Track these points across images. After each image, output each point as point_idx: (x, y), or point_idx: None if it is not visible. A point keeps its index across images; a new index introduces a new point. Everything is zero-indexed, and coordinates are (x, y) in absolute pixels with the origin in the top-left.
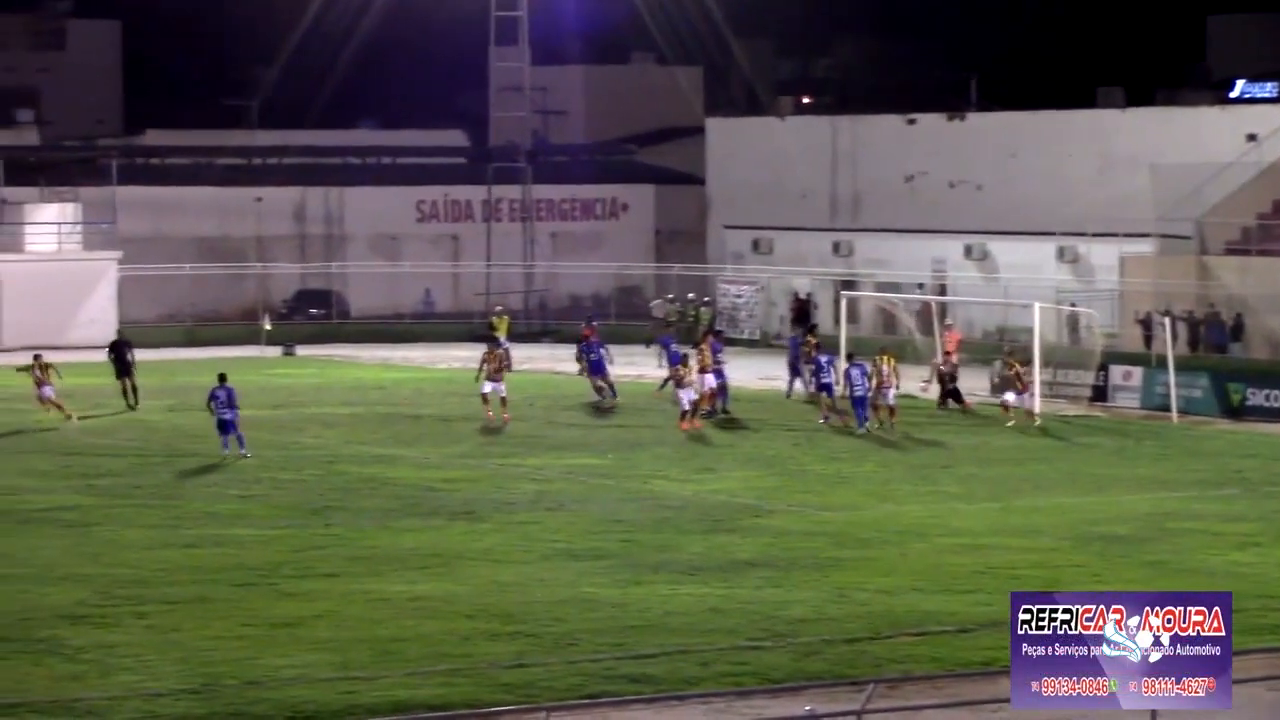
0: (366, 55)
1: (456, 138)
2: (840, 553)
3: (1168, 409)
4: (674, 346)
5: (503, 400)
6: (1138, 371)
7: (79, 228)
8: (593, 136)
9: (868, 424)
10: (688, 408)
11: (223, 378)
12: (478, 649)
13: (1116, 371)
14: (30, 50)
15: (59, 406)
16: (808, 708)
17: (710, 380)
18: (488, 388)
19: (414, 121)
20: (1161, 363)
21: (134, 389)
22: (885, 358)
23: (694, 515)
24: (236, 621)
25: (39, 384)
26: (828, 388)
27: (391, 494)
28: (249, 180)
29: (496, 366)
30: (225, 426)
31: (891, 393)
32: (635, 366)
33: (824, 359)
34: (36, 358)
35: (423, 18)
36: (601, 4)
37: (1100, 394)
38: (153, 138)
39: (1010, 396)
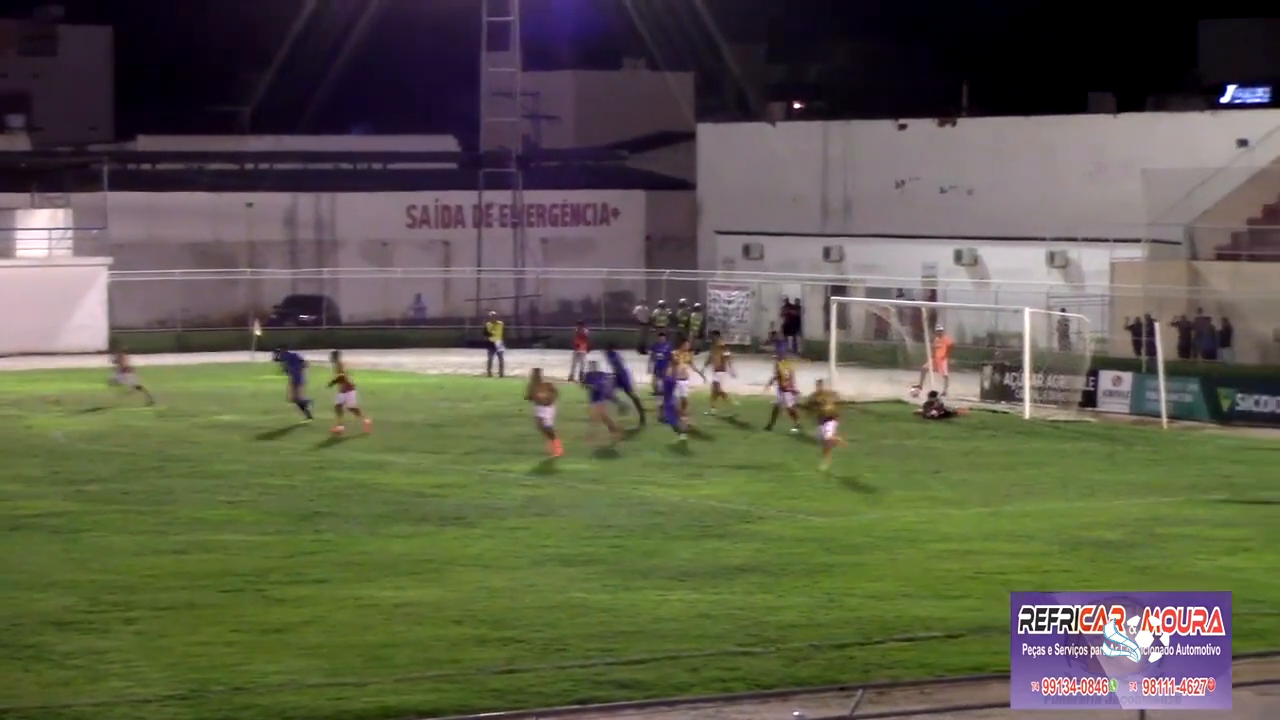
0: (358, 61)
1: (448, 143)
2: (830, 558)
3: (1158, 414)
4: (660, 355)
5: (354, 410)
6: (1128, 377)
7: (70, 233)
8: (584, 142)
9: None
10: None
11: None
12: (467, 654)
13: (1106, 377)
14: (21, 56)
15: None
16: (796, 713)
17: (684, 387)
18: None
19: (405, 127)
20: (1152, 368)
21: None
22: (783, 363)
23: (684, 521)
24: (225, 627)
25: None
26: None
27: (381, 500)
28: (240, 186)
29: (343, 379)
30: None
31: (789, 396)
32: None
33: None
34: None
35: (414, 23)
36: (593, 9)
37: (1090, 399)
38: (144, 143)
39: (829, 429)
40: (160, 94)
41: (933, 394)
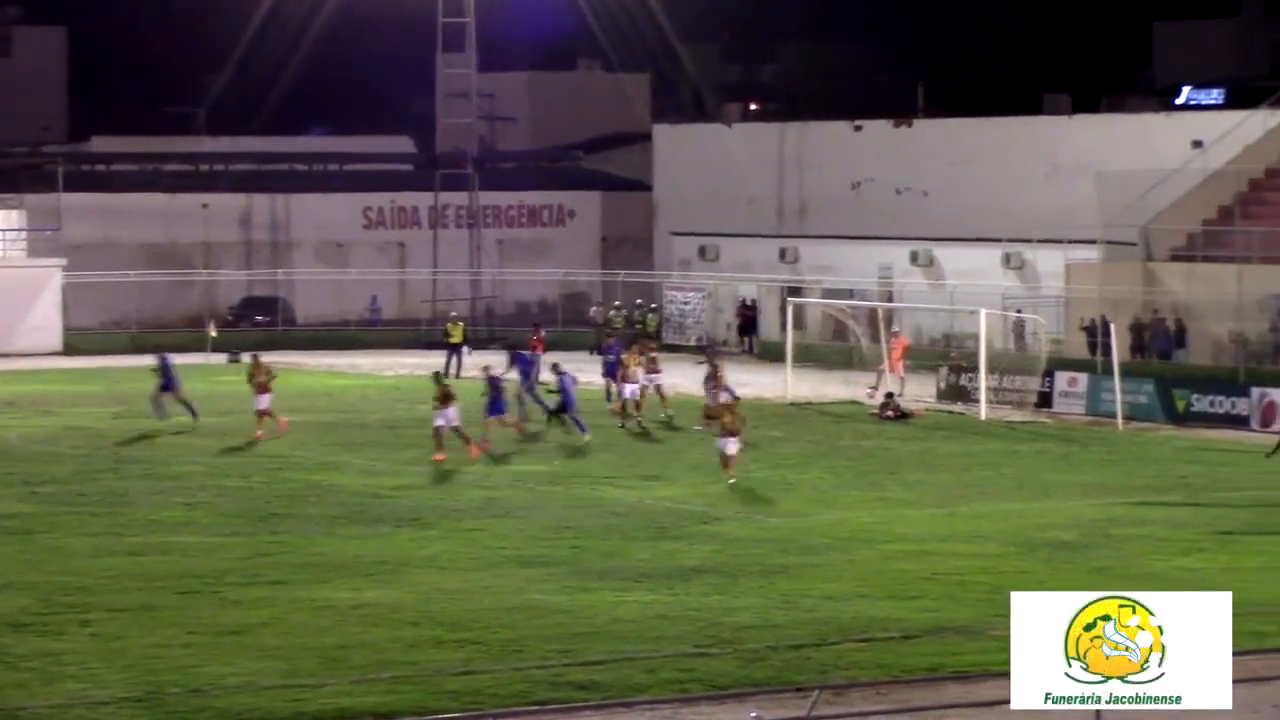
0: (314, 62)
1: (403, 144)
2: (787, 559)
3: (1113, 415)
4: (612, 358)
5: (267, 414)
6: (1083, 378)
7: (24, 235)
8: (539, 143)
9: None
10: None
11: None
12: (424, 656)
13: (1062, 378)
14: None
15: None
16: (753, 714)
17: (631, 389)
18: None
19: (361, 128)
20: (1107, 369)
21: None
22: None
23: (641, 522)
24: (182, 629)
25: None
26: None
27: (338, 501)
28: (195, 187)
29: (264, 378)
30: None
31: (720, 394)
32: (583, 374)
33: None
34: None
35: (370, 24)
36: (548, 10)
37: (1046, 400)
38: (99, 144)
39: (730, 446)
40: (115, 95)
41: (889, 395)
